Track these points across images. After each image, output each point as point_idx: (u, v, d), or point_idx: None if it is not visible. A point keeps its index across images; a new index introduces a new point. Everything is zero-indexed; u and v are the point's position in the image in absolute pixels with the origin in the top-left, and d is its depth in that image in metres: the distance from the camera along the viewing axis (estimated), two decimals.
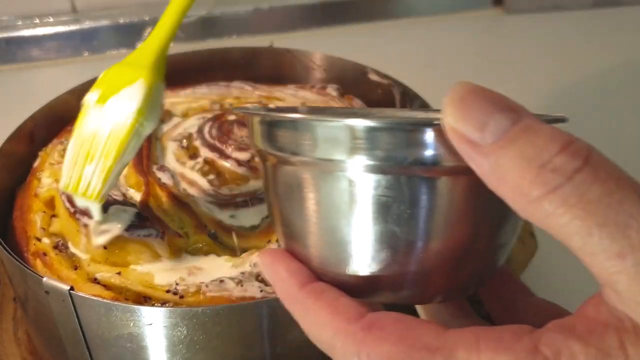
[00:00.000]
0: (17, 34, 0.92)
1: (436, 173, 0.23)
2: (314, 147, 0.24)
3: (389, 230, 0.24)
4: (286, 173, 0.26)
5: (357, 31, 1.00)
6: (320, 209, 0.25)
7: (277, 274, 0.27)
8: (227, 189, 0.49)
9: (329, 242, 0.25)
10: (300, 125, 0.25)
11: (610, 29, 0.99)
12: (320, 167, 0.25)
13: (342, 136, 0.24)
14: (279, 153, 0.26)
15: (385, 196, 0.23)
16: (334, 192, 0.25)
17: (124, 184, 0.50)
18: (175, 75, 0.66)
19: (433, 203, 0.23)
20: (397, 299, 0.26)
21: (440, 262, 0.25)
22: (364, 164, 0.23)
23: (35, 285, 0.41)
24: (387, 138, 0.23)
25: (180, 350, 0.39)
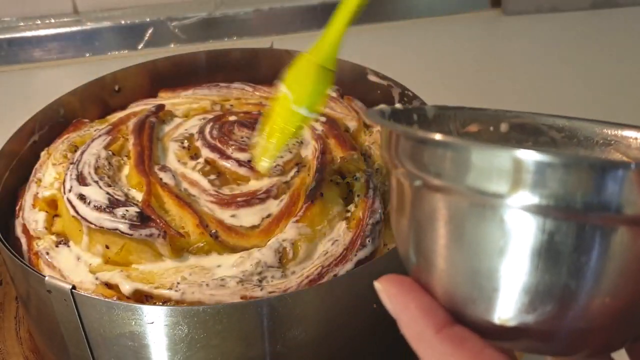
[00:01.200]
0: (19, 35, 0.93)
1: (619, 222, 0.20)
2: (467, 174, 0.21)
3: (556, 281, 0.21)
4: (429, 198, 0.23)
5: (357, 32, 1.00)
6: (466, 246, 0.22)
7: (408, 310, 0.23)
8: (228, 189, 0.50)
9: (477, 284, 0.22)
10: (452, 148, 0.21)
11: (608, 30, 0.99)
12: (470, 197, 0.21)
13: (505, 166, 0.20)
14: (421, 174, 0.22)
15: (558, 243, 0.20)
16: (485, 229, 0.21)
17: (126, 184, 0.50)
18: (176, 76, 0.66)
19: (612, 256, 0.20)
20: (540, 349, 0.23)
21: (603, 319, 0.22)
22: (529, 202, 0.20)
23: (37, 284, 0.41)
24: (566, 176, 0.19)
25: (181, 349, 0.39)
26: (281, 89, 0.44)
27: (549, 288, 0.21)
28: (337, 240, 0.45)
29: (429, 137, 0.22)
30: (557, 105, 0.82)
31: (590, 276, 0.21)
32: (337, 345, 0.43)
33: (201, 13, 0.96)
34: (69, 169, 0.50)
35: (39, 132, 0.57)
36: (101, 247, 0.45)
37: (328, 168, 0.50)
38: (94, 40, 0.94)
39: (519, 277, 0.21)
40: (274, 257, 0.43)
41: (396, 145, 0.24)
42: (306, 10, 1.00)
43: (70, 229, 0.47)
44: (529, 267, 0.21)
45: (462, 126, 0.31)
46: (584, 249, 0.20)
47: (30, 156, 0.56)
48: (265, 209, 0.48)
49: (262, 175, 0.50)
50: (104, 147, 0.52)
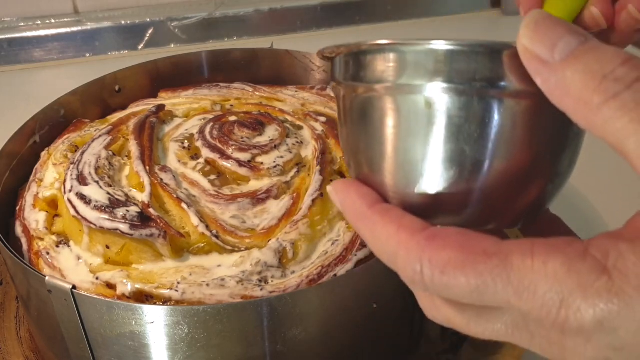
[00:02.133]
0: (20, 35, 0.93)
1: (506, 95, 0.25)
2: (398, 73, 0.26)
3: (459, 148, 0.26)
4: (366, 102, 0.28)
5: (357, 33, 1.01)
6: (397, 132, 0.27)
7: (348, 197, 0.28)
8: (228, 189, 0.50)
9: (402, 162, 0.27)
10: (387, 51, 0.27)
11: None
12: (401, 91, 0.26)
13: (425, 60, 0.25)
14: (362, 83, 0.28)
15: (458, 116, 0.25)
16: (411, 115, 0.26)
17: (127, 184, 0.50)
18: (176, 76, 0.66)
19: (500, 123, 0.25)
20: (456, 222, 0.27)
21: (501, 183, 0.26)
22: (442, 86, 0.25)
23: (37, 284, 0.41)
24: (466, 61, 0.25)
25: (182, 349, 0.39)
26: None
27: (450, 155, 0.26)
28: (337, 240, 0.46)
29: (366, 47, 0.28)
30: None
31: (483, 142, 0.25)
32: (337, 345, 0.43)
33: (201, 13, 0.96)
34: (70, 169, 0.50)
35: (40, 132, 0.57)
36: (101, 247, 0.45)
37: (328, 168, 0.50)
38: (95, 41, 0.94)
39: (427, 149, 0.26)
40: (274, 257, 0.43)
41: (339, 67, 0.29)
42: (306, 10, 1.00)
43: (71, 229, 0.47)
44: (433, 140, 0.26)
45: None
46: (475, 119, 0.25)
47: (31, 156, 0.56)
48: (265, 209, 0.48)
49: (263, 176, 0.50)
50: (104, 147, 0.53)
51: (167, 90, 0.64)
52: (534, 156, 0.26)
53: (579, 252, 0.22)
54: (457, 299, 0.24)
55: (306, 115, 0.59)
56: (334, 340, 0.43)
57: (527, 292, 0.22)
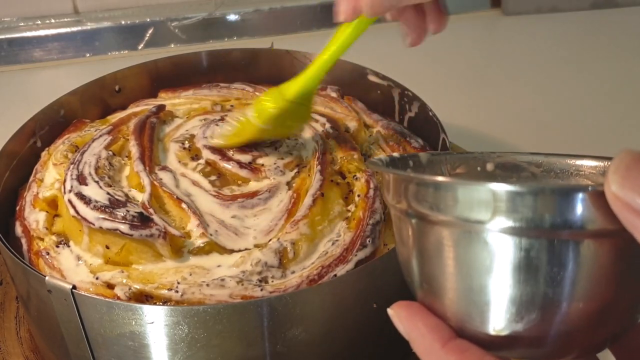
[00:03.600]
0: (20, 35, 0.93)
1: (584, 236, 0.24)
2: (455, 207, 0.25)
3: (537, 291, 0.25)
4: (427, 230, 0.27)
5: None
6: (460, 268, 0.26)
7: (416, 329, 0.26)
8: (229, 190, 0.50)
9: (472, 300, 0.26)
10: (442, 187, 0.26)
11: (608, 30, 0.99)
12: (460, 226, 0.25)
13: (484, 198, 0.24)
14: (419, 210, 0.26)
15: (534, 259, 0.24)
16: (474, 252, 0.25)
17: (127, 184, 0.50)
18: (176, 76, 0.66)
19: (582, 265, 0.24)
20: (534, 355, 0.27)
21: (583, 321, 0.25)
22: (506, 225, 0.24)
23: (37, 284, 0.41)
24: (531, 202, 0.24)
25: (182, 349, 0.39)
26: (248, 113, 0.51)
27: (531, 298, 0.25)
28: (337, 241, 0.46)
29: (426, 179, 0.27)
30: (557, 105, 0.82)
31: (565, 284, 0.24)
32: (337, 345, 0.43)
33: (201, 13, 0.96)
34: (70, 169, 0.50)
35: (39, 132, 0.57)
36: (101, 247, 0.45)
37: (328, 168, 0.50)
38: (94, 41, 0.94)
39: (505, 290, 0.25)
40: (274, 257, 0.43)
41: (399, 187, 0.28)
42: (306, 10, 1.00)
43: (71, 229, 0.47)
44: (512, 281, 0.25)
45: (453, 168, 0.35)
46: (556, 261, 0.24)
47: (31, 156, 0.56)
48: (266, 209, 0.48)
49: (263, 177, 0.50)
50: (104, 147, 0.52)
51: (167, 90, 0.64)
52: (619, 292, 0.25)
53: None
54: None
55: None
56: (334, 340, 0.43)
57: None
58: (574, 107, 0.82)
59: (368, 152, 0.55)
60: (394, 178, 0.28)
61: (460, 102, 0.81)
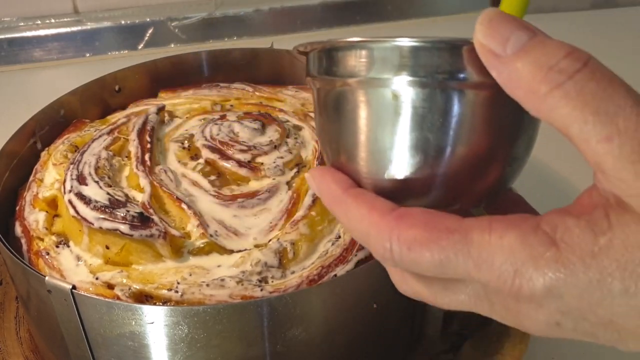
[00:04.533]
0: (20, 35, 0.93)
1: (465, 87, 0.27)
2: (367, 68, 0.29)
3: (423, 137, 0.28)
4: (339, 95, 0.30)
5: (357, 33, 1.00)
6: (367, 122, 0.29)
7: (324, 182, 0.30)
8: (228, 190, 0.50)
9: (373, 150, 0.29)
10: (358, 48, 0.29)
11: (608, 30, 0.99)
12: (371, 84, 0.29)
13: (391, 56, 0.28)
14: (335, 77, 0.30)
15: (422, 107, 0.28)
16: (380, 106, 0.29)
17: (127, 185, 0.50)
18: (176, 76, 0.66)
19: (461, 113, 0.28)
20: (425, 202, 0.29)
21: (463, 167, 0.28)
22: (407, 80, 0.28)
23: (37, 284, 0.41)
24: (428, 56, 0.27)
25: (182, 349, 0.39)
26: None
27: (416, 143, 0.28)
28: (337, 241, 0.46)
29: (339, 44, 0.30)
30: None
31: (445, 130, 0.28)
32: (337, 345, 0.43)
33: (201, 13, 0.96)
34: (70, 169, 0.50)
35: (39, 132, 0.57)
36: (101, 247, 0.45)
37: None
38: (94, 40, 0.94)
39: (399, 137, 0.28)
40: (274, 257, 0.43)
41: (313, 63, 0.32)
42: (306, 10, 1.00)
43: (71, 229, 0.47)
44: (406, 129, 0.28)
45: None
46: (437, 109, 0.28)
47: (31, 156, 0.56)
48: (266, 209, 0.48)
49: (263, 176, 0.50)
50: (104, 148, 0.52)
51: (167, 90, 0.64)
52: (492, 142, 0.29)
53: (531, 227, 0.24)
54: (424, 273, 0.26)
55: (306, 115, 0.59)
56: (334, 340, 0.43)
57: (486, 264, 0.25)
58: None
59: None
60: (316, 53, 0.32)
61: None
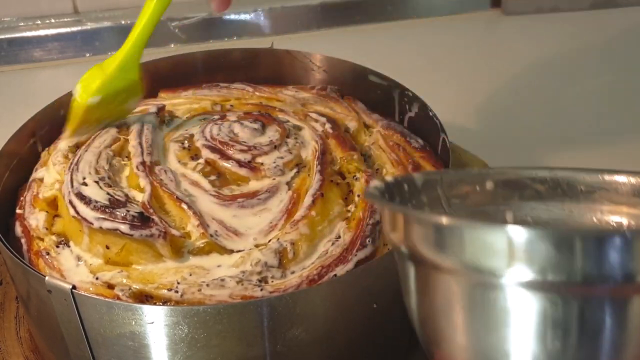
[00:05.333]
0: (19, 35, 0.93)
1: (627, 292, 0.19)
2: (463, 252, 0.21)
3: (561, 354, 0.20)
4: (429, 277, 0.23)
5: (357, 32, 1.00)
6: (476, 323, 0.22)
7: None
8: (229, 190, 0.50)
9: (489, 358, 0.22)
10: (447, 229, 0.21)
11: (608, 30, 0.99)
12: (469, 276, 0.21)
13: (499, 244, 0.20)
14: (423, 255, 0.22)
15: (554, 318, 0.20)
16: (487, 308, 0.21)
17: (127, 185, 0.50)
18: (176, 76, 0.66)
19: (622, 325, 0.19)
20: None
21: None
22: (525, 278, 0.19)
23: (37, 284, 0.41)
24: (558, 250, 0.19)
25: (182, 349, 0.39)
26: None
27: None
28: (337, 241, 0.46)
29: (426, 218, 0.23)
30: (557, 105, 0.82)
31: (602, 348, 0.20)
32: (337, 345, 0.43)
33: (201, 13, 0.96)
34: (70, 169, 0.50)
35: (39, 132, 0.57)
36: (101, 247, 0.45)
37: (328, 168, 0.50)
38: (94, 40, 0.94)
39: (526, 349, 0.21)
40: (274, 257, 0.43)
41: (400, 226, 0.24)
42: (306, 10, 1.00)
43: (71, 229, 0.47)
44: (535, 341, 0.20)
45: (449, 188, 0.31)
46: (590, 322, 0.19)
47: (31, 156, 0.56)
48: (266, 209, 0.48)
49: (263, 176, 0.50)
50: (104, 147, 0.52)
51: (167, 90, 0.64)
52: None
53: None
54: None
55: (306, 115, 0.59)
56: (334, 341, 0.43)
57: None
58: (574, 107, 0.82)
59: (368, 153, 0.55)
60: (390, 214, 0.24)
61: (460, 102, 0.81)
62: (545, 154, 0.72)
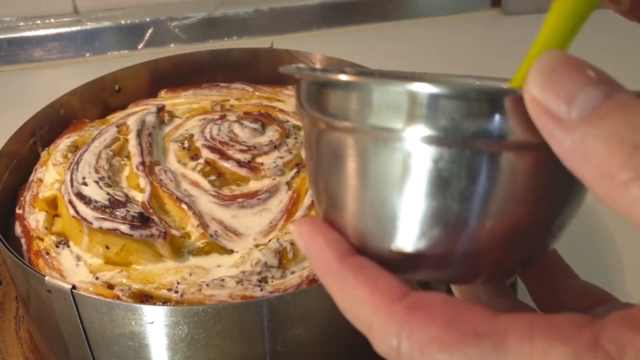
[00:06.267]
0: (19, 35, 0.93)
1: (504, 148, 0.21)
2: (368, 114, 0.22)
3: (444, 206, 0.22)
4: (333, 139, 0.23)
5: (357, 32, 1.01)
6: (369, 180, 0.23)
7: (315, 245, 0.24)
8: (228, 190, 0.50)
9: (375, 215, 0.23)
10: (354, 88, 0.22)
11: (608, 29, 0.99)
12: (372, 135, 0.22)
13: (401, 102, 0.21)
14: (326, 118, 0.23)
15: (445, 170, 0.21)
16: (386, 163, 0.22)
17: (126, 185, 0.50)
18: (176, 76, 0.66)
19: (496, 180, 0.21)
20: (438, 277, 0.24)
21: (493, 242, 0.22)
22: (424, 134, 0.21)
23: (37, 284, 0.41)
24: (454, 107, 0.20)
25: (182, 349, 0.39)
26: None
27: (437, 213, 0.22)
28: None
29: (329, 79, 0.24)
30: None
31: (474, 199, 0.21)
32: (337, 345, 0.43)
33: (201, 13, 0.96)
34: (70, 169, 0.50)
35: (39, 132, 0.57)
36: (101, 247, 0.45)
37: None
38: (94, 40, 0.94)
39: (409, 204, 0.22)
40: (274, 257, 0.43)
41: (303, 93, 0.25)
42: (306, 10, 1.00)
43: (71, 229, 0.47)
44: (417, 195, 0.22)
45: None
46: (466, 173, 0.21)
47: (30, 156, 0.56)
48: (265, 209, 0.48)
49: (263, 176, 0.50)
50: (104, 147, 0.52)
51: (167, 90, 0.64)
52: (533, 213, 0.22)
53: (588, 343, 0.18)
54: None
55: None
56: (334, 341, 0.43)
57: None
58: None
59: None
60: (306, 82, 0.25)
61: None
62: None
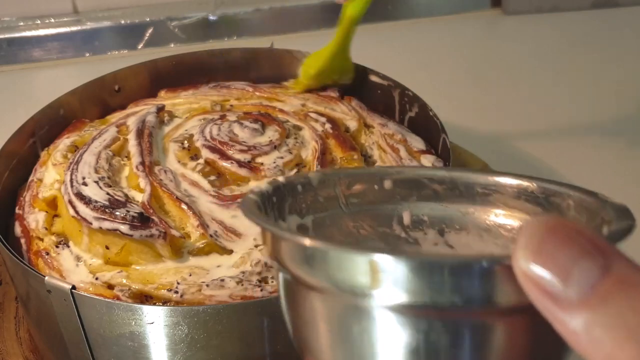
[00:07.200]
0: (19, 34, 0.93)
1: (489, 315, 0.19)
2: (332, 273, 0.20)
3: None
4: (299, 292, 0.22)
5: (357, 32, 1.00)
6: (336, 345, 0.21)
7: None
8: (228, 190, 0.50)
9: None
10: (314, 252, 0.21)
11: (608, 30, 0.99)
12: (336, 295, 0.20)
13: (363, 268, 0.19)
14: (291, 271, 0.22)
15: (421, 341, 0.19)
16: (351, 328, 0.20)
17: (126, 185, 0.50)
18: (176, 76, 0.66)
19: (480, 348, 0.19)
20: None
21: None
22: (393, 302, 0.19)
23: (37, 285, 0.41)
24: (423, 277, 0.19)
25: (181, 349, 0.39)
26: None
27: None
28: None
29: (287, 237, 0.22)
30: (557, 104, 0.82)
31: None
32: None
33: (201, 13, 0.96)
34: (69, 169, 0.50)
35: (39, 132, 0.57)
36: (101, 247, 0.45)
37: (328, 169, 0.50)
38: (94, 40, 0.94)
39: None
40: None
41: (268, 240, 0.24)
42: (306, 10, 1.00)
43: (71, 229, 0.47)
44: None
45: (348, 188, 0.31)
46: (455, 345, 0.19)
47: (30, 156, 0.56)
48: None
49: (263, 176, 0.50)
50: (104, 147, 0.52)
51: (167, 90, 0.64)
52: None
53: None
54: None
55: (306, 115, 0.59)
56: None
57: None
58: (574, 107, 0.82)
59: (368, 153, 0.55)
60: (261, 228, 0.23)
61: (460, 102, 0.81)
62: (545, 153, 0.72)
